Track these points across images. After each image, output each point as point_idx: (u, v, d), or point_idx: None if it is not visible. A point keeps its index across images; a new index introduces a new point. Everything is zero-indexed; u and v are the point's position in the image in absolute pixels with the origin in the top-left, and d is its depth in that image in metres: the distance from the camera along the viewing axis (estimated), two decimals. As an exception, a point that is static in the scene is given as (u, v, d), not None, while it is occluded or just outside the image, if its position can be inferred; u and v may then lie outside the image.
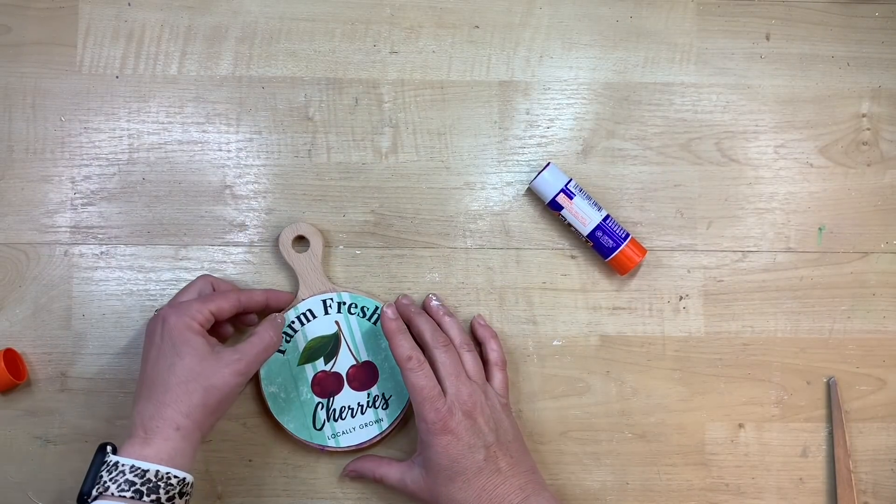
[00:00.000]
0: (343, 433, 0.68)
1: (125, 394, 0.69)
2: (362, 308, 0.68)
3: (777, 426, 0.70)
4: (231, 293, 0.65)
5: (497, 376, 0.66)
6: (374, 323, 0.68)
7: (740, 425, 0.70)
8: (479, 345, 0.68)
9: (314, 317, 0.68)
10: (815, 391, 0.70)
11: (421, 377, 0.62)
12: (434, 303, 0.68)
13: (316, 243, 0.69)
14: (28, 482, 0.68)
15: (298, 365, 0.68)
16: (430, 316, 0.67)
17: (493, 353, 0.67)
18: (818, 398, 0.70)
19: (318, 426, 0.68)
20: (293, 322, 0.68)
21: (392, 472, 0.65)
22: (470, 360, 0.65)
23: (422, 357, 0.63)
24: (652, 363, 0.70)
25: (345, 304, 0.68)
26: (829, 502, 0.70)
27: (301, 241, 0.69)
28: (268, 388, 0.68)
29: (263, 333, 0.63)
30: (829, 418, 0.70)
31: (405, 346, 0.63)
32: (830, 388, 0.70)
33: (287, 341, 0.68)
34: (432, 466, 0.62)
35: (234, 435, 0.69)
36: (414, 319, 0.65)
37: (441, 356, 0.63)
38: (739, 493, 0.70)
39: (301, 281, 0.68)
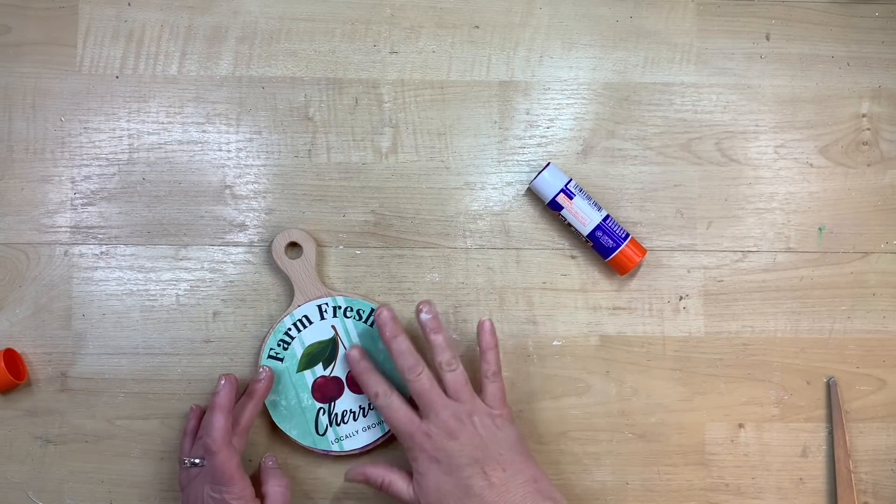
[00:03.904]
0: (346, 437, 0.68)
1: (125, 394, 0.69)
2: (358, 311, 0.68)
3: (777, 426, 0.70)
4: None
5: (488, 388, 0.64)
6: (371, 325, 0.68)
7: (740, 425, 0.70)
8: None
9: (310, 322, 0.68)
10: (815, 391, 0.70)
11: (392, 411, 0.63)
12: (423, 316, 0.64)
13: (309, 249, 0.68)
14: (28, 482, 0.69)
15: (297, 372, 0.68)
16: (421, 328, 0.65)
17: (484, 365, 0.65)
18: (818, 398, 0.70)
19: (321, 432, 0.68)
20: (290, 329, 0.68)
21: (399, 483, 0.64)
22: (451, 379, 0.63)
23: (387, 389, 0.64)
24: (652, 363, 0.70)
25: (340, 307, 0.68)
26: (829, 502, 0.70)
27: (295, 246, 0.69)
28: (268, 397, 0.68)
29: (274, 491, 0.64)
30: (829, 418, 0.70)
31: (370, 383, 0.64)
32: (830, 388, 0.70)
33: (285, 349, 0.68)
34: (422, 490, 0.62)
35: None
36: (390, 344, 0.64)
37: (414, 386, 0.63)
38: (739, 493, 0.70)
39: (296, 287, 0.68)
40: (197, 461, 0.63)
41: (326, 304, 0.68)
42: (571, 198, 0.68)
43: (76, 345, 0.69)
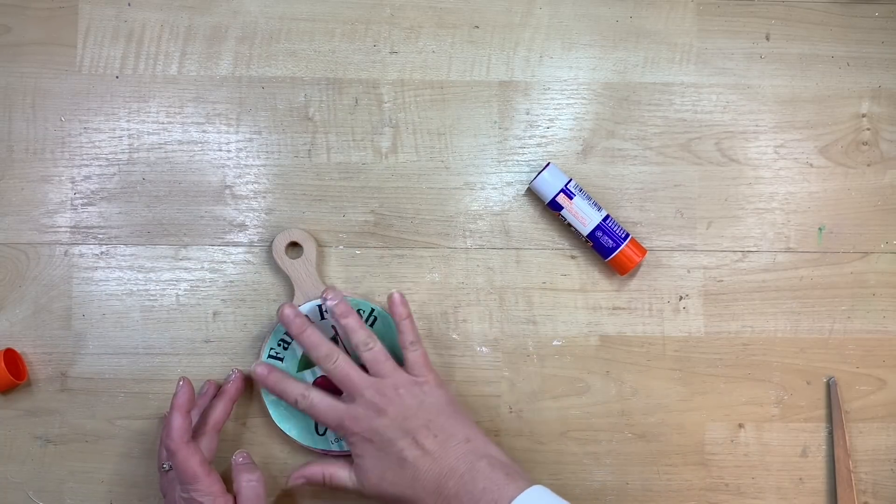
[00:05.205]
0: None
1: (125, 394, 0.69)
2: (358, 311, 0.68)
3: (777, 426, 0.70)
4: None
5: (409, 358, 0.64)
6: (371, 325, 0.68)
7: (740, 425, 0.70)
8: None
9: (311, 322, 0.68)
10: (815, 391, 0.71)
11: (315, 407, 0.63)
12: (329, 303, 0.65)
13: (309, 249, 0.68)
14: (28, 482, 0.69)
15: (297, 371, 0.68)
16: (331, 315, 0.65)
17: (401, 336, 0.65)
18: (818, 398, 0.70)
19: (321, 431, 0.68)
20: None
21: (340, 472, 0.64)
22: (370, 357, 0.63)
23: (304, 390, 0.64)
24: (652, 363, 0.70)
25: None
26: (829, 502, 0.70)
27: (295, 246, 0.69)
28: (268, 397, 0.68)
29: (245, 486, 0.63)
30: (829, 418, 0.70)
31: (287, 391, 0.64)
32: (830, 388, 0.70)
33: (285, 349, 0.68)
34: (362, 473, 0.62)
35: (234, 435, 0.69)
36: (300, 340, 0.64)
37: (333, 374, 0.63)
38: (739, 493, 0.70)
39: (296, 287, 0.68)
40: (165, 466, 0.63)
41: (326, 303, 0.68)
42: (571, 198, 0.68)
43: (76, 345, 0.69)
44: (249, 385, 0.69)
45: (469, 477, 0.59)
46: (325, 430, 0.68)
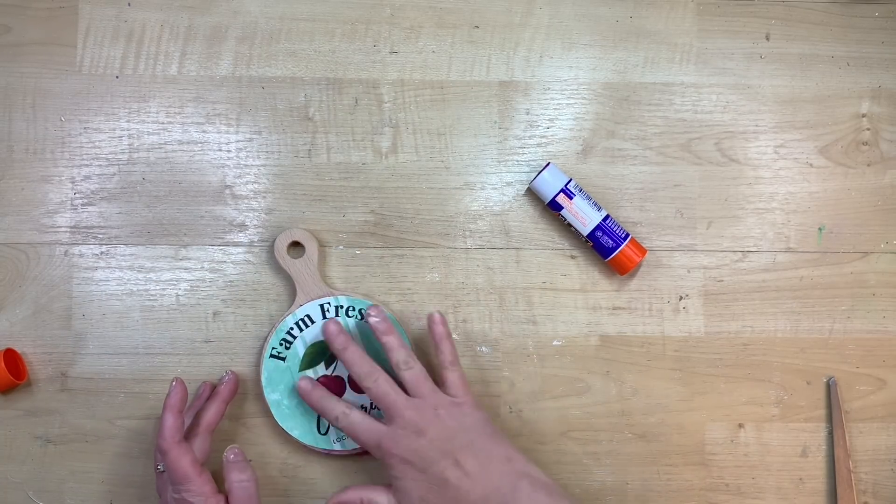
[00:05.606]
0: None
1: (125, 394, 0.69)
2: (360, 311, 0.68)
3: (777, 426, 0.70)
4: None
5: (448, 378, 0.64)
6: None
7: (740, 425, 0.70)
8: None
9: (312, 322, 0.68)
10: (815, 391, 0.71)
11: (355, 426, 0.62)
12: (372, 320, 0.64)
13: (311, 248, 0.68)
14: (28, 482, 0.69)
15: (300, 371, 0.68)
16: (373, 332, 0.65)
17: (440, 356, 0.64)
18: (818, 398, 0.71)
19: (323, 430, 0.68)
20: (292, 328, 0.68)
21: (378, 497, 0.63)
22: (410, 377, 0.63)
23: (346, 409, 0.63)
24: (652, 363, 0.70)
25: (342, 307, 0.68)
26: (829, 502, 0.70)
27: (297, 246, 0.69)
28: (270, 396, 0.68)
29: (236, 486, 0.62)
30: (829, 418, 0.70)
31: (328, 408, 0.64)
32: (830, 388, 0.70)
33: (287, 348, 0.68)
34: (403, 495, 0.61)
35: (234, 435, 0.69)
36: (342, 356, 0.64)
37: (373, 393, 0.63)
38: (739, 493, 0.70)
39: (298, 286, 0.68)
40: (160, 467, 0.63)
41: (329, 303, 0.68)
42: (571, 198, 0.68)
43: (76, 345, 0.69)
44: (246, 385, 0.69)
45: (511, 497, 0.59)
46: (327, 429, 0.68)
